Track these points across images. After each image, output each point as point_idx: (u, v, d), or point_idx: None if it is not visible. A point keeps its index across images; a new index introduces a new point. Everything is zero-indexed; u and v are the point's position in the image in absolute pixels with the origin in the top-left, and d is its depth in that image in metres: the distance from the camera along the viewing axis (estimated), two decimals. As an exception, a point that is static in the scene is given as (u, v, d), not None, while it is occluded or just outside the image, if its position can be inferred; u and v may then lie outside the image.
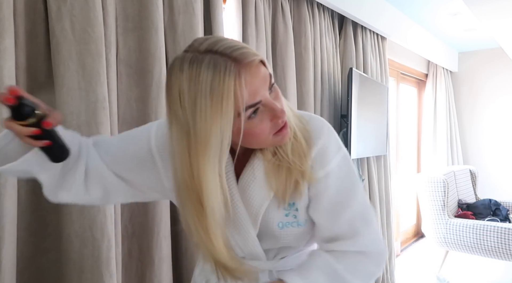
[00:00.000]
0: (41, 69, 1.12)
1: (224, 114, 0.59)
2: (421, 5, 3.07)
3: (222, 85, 0.58)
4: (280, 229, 0.75)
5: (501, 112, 4.37)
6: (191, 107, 0.59)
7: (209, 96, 0.58)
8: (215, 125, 0.59)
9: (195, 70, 0.59)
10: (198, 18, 1.46)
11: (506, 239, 2.79)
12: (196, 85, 0.59)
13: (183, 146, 0.62)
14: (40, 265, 1.15)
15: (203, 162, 0.62)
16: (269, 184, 0.72)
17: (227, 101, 0.58)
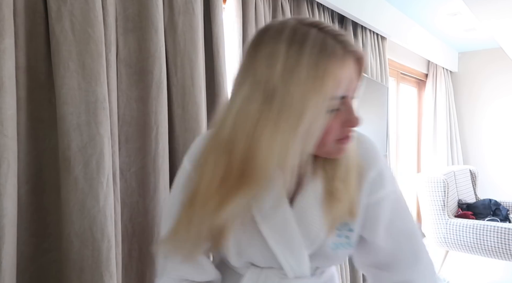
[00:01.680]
0: (41, 69, 1.12)
1: (323, 93, 0.56)
2: (421, 5, 3.07)
3: (328, 62, 0.55)
4: (333, 250, 0.73)
5: (501, 112, 4.37)
6: (286, 74, 0.55)
7: (313, 69, 0.55)
8: (313, 102, 0.55)
9: (300, 38, 0.56)
10: (198, 18, 1.46)
11: (506, 239, 2.79)
12: (298, 54, 0.55)
13: (254, 109, 0.57)
14: (40, 265, 1.15)
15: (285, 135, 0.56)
16: (325, 211, 0.70)
17: (328, 80, 0.55)
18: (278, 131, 0.56)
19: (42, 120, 1.13)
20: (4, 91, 0.97)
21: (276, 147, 0.56)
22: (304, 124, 0.56)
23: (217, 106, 1.57)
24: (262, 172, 0.58)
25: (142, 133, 1.32)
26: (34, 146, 1.12)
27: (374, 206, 0.73)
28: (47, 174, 1.14)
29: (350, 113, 0.62)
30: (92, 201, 1.13)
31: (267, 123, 0.56)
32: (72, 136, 1.10)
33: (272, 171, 0.58)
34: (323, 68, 0.55)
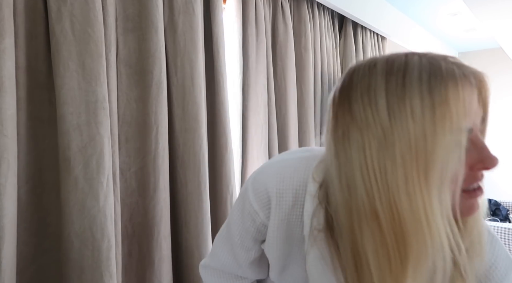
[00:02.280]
0: (41, 69, 1.12)
1: (447, 124, 0.44)
2: (421, 5, 3.07)
3: (444, 84, 0.44)
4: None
5: (502, 112, 4.37)
6: (396, 107, 0.45)
7: (428, 93, 0.44)
8: (439, 138, 0.44)
9: (402, 63, 0.47)
10: (198, 18, 1.46)
11: (506, 239, 2.79)
12: (403, 80, 0.45)
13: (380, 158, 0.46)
14: (40, 265, 1.15)
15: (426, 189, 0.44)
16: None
17: (451, 106, 0.44)
18: (410, 183, 0.44)
19: (42, 120, 1.13)
20: (4, 91, 0.97)
21: (419, 205, 0.44)
22: (437, 169, 0.44)
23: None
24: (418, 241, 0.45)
25: (142, 133, 1.32)
26: (34, 146, 1.12)
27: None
28: (47, 174, 1.14)
29: (481, 151, 0.48)
30: (92, 201, 1.13)
31: (397, 175, 0.45)
32: (72, 136, 1.10)
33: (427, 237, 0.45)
34: (440, 92, 0.44)
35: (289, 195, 0.61)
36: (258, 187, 0.64)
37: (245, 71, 1.75)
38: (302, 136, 2.11)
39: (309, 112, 2.11)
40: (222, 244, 0.78)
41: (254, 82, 1.77)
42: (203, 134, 1.45)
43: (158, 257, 1.33)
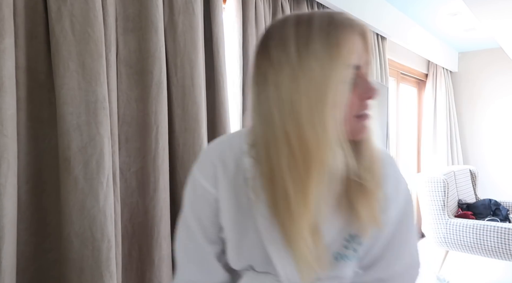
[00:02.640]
0: (41, 69, 1.12)
1: (340, 61, 0.57)
2: (421, 5, 3.07)
3: (337, 31, 0.57)
4: (336, 260, 0.68)
5: (501, 112, 4.37)
6: (302, 51, 0.57)
7: (325, 39, 0.57)
8: (333, 71, 0.57)
9: (305, 18, 0.59)
10: (198, 18, 1.46)
11: (506, 239, 2.79)
12: (308, 30, 0.58)
13: (286, 93, 0.58)
14: (40, 265, 1.15)
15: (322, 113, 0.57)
16: (346, 210, 0.66)
17: (342, 47, 0.57)
18: (312, 108, 0.57)
19: (42, 120, 1.13)
20: (4, 91, 0.97)
21: (318, 124, 0.57)
22: (331, 96, 0.57)
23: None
24: (319, 153, 0.58)
25: (142, 133, 1.32)
26: (34, 145, 1.12)
27: (386, 220, 0.69)
28: (47, 174, 1.14)
29: (366, 84, 0.61)
30: (92, 201, 1.13)
31: (301, 104, 0.57)
32: (72, 136, 1.10)
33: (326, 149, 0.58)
34: (335, 36, 0.57)
35: (231, 163, 0.69)
36: (202, 164, 0.72)
37: (245, 71, 1.75)
38: (302, 136, 2.10)
39: (309, 112, 2.11)
40: (184, 253, 0.77)
41: (254, 82, 1.77)
42: (203, 134, 1.45)
43: (158, 257, 1.33)
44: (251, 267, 0.73)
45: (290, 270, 0.67)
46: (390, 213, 0.69)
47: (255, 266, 0.72)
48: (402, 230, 0.72)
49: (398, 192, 0.71)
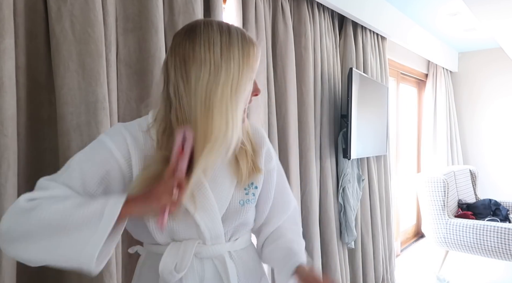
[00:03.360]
0: (41, 69, 1.12)
1: (252, 67, 0.79)
2: (421, 5, 3.07)
3: (249, 45, 0.79)
4: (241, 206, 0.87)
5: (501, 112, 4.38)
6: (225, 54, 0.76)
7: (243, 50, 0.77)
8: (248, 74, 0.78)
9: (226, 28, 0.78)
10: (198, 18, 1.46)
11: (506, 239, 2.80)
12: (229, 39, 0.77)
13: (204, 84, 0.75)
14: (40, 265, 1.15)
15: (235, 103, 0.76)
16: (233, 171, 0.86)
17: (253, 57, 0.79)
18: (225, 99, 0.75)
19: (42, 120, 1.13)
20: (4, 91, 0.97)
21: (228, 113, 0.75)
22: (242, 91, 0.77)
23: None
24: (224, 136, 0.75)
25: (142, 133, 1.31)
26: (34, 145, 1.12)
27: (269, 173, 0.94)
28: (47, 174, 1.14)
29: (255, 85, 0.84)
30: (92, 201, 1.13)
31: (216, 95, 0.75)
32: (72, 136, 1.10)
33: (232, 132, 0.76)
34: (247, 48, 0.78)
35: (140, 137, 0.82)
36: (115, 137, 0.81)
37: (245, 71, 1.75)
38: (302, 136, 2.11)
39: (309, 112, 2.11)
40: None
41: (254, 82, 1.77)
42: (203, 134, 1.45)
43: (158, 257, 1.33)
44: (173, 239, 0.84)
45: (210, 223, 0.83)
46: (273, 163, 0.96)
47: (178, 234, 0.83)
48: (283, 178, 1.01)
49: (272, 150, 0.98)
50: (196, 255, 0.85)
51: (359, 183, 2.58)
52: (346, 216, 2.39)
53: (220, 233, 0.85)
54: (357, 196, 2.53)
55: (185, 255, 0.83)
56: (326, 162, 2.29)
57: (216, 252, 0.86)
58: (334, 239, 2.26)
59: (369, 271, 2.65)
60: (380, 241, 2.78)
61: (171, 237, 0.85)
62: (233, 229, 0.89)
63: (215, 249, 0.86)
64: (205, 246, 0.85)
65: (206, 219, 0.83)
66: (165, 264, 0.83)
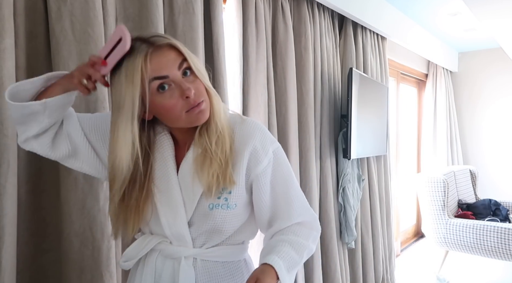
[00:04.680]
0: (41, 69, 1.12)
1: (134, 84, 0.74)
2: (421, 5, 3.07)
3: (133, 62, 0.75)
4: (210, 209, 0.84)
5: (501, 112, 4.37)
6: (116, 82, 0.77)
7: (124, 72, 0.75)
8: (128, 93, 0.75)
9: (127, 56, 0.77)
10: (198, 18, 1.46)
11: (506, 239, 2.80)
12: (124, 65, 0.76)
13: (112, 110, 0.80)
14: (40, 265, 1.15)
15: (118, 120, 0.77)
16: (200, 175, 0.82)
17: (136, 73, 0.74)
18: (117, 121, 0.78)
19: (42, 120, 1.13)
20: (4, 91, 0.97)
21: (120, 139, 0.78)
22: (126, 110, 0.76)
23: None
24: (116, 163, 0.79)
25: (142, 133, 1.31)
26: (34, 145, 1.12)
27: (257, 177, 0.86)
28: (47, 174, 1.14)
29: (179, 86, 0.77)
30: (92, 201, 1.13)
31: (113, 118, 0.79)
32: (72, 136, 1.10)
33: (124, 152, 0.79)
34: (131, 67, 0.75)
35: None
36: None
37: (245, 71, 1.75)
38: (302, 136, 2.11)
39: (309, 112, 2.11)
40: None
41: (254, 82, 1.77)
42: (203, 134, 1.44)
43: (158, 257, 1.33)
44: (150, 231, 0.90)
45: (172, 220, 0.84)
46: (261, 167, 0.85)
47: (151, 226, 0.88)
48: (285, 181, 0.89)
49: (265, 147, 0.86)
50: (161, 252, 0.88)
51: (359, 183, 2.58)
52: (346, 216, 2.39)
53: (184, 235, 0.85)
54: (357, 196, 2.53)
55: (145, 247, 0.88)
56: (326, 161, 2.29)
57: (179, 254, 0.86)
58: (334, 239, 2.26)
59: (369, 271, 2.65)
60: (380, 241, 2.78)
61: (150, 230, 0.90)
62: (204, 235, 0.86)
63: (179, 250, 0.86)
64: (170, 245, 0.87)
65: (169, 215, 0.85)
66: (128, 251, 0.91)
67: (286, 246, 0.84)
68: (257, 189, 0.87)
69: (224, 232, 0.87)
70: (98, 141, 0.90)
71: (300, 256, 0.86)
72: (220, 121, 0.83)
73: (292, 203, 0.90)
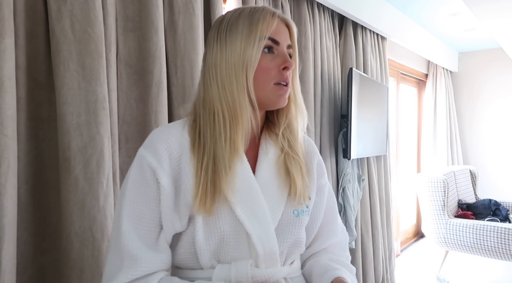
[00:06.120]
0: (41, 69, 1.12)
1: (255, 32, 0.72)
2: (421, 5, 3.07)
3: (259, 14, 0.74)
4: (296, 216, 0.77)
5: (501, 112, 4.37)
6: (229, 30, 0.74)
7: (248, 20, 0.74)
8: (249, 40, 0.72)
9: (244, 8, 0.77)
10: (198, 18, 1.46)
11: (506, 239, 2.80)
12: (237, 15, 0.76)
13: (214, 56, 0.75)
14: (40, 265, 1.15)
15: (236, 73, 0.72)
16: (283, 181, 0.77)
17: (259, 23, 0.73)
18: (230, 71, 0.73)
19: (42, 120, 1.13)
20: (4, 91, 0.97)
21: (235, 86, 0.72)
22: (245, 60, 0.72)
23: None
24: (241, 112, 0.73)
25: (142, 133, 1.31)
26: (34, 145, 1.12)
27: (320, 188, 0.86)
28: (47, 174, 1.14)
29: (284, 57, 0.75)
30: (92, 201, 1.13)
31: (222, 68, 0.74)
32: (72, 136, 1.10)
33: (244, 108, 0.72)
34: (256, 17, 0.74)
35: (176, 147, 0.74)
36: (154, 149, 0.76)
37: (245, 71, 1.75)
38: (302, 136, 2.10)
39: (309, 112, 2.11)
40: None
41: (254, 82, 1.77)
42: (203, 134, 1.44)
43: (158, 257, 1.33)
44: (218, 259, 0.72)
45: (264, 235, 0.71)
46: (325, 178, 0.88)
47: (226, 250, 0.72)
48: (333, 198, 0.92)
49: (323, 162, 0.90)
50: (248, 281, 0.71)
51: (359, 183, 2.58)
52: (346, 216, 2.39)
53: (275, 250, 0.72)
54: (357, 196, 2.53)
55: (239, 279, 0.70)
56: (326, 162, 2.29)
57: (273, 277, 0.72)
58: (334, 239, 2.26)
59: (369, 271, 2.65)
60: (380, 241, 2.78)
61: (217, 257, 0.72)
62: (287, 248, 0.77)
63: (270, 273, 0.71)
64: (258, 270, 0.71)
65: (258, 228, 0.71)
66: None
67: (341, 266, 0.83)
68: (318, 200, 0.85)
69: (303, 244, 0.81)
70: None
71: (354, 278, 0.84)
72: (300, 126, 0.83)
73: (337, 219, 0.91)
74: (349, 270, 0.84)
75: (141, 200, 0.72)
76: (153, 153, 0.73)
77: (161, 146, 0.73)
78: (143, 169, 0.73)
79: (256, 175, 0.76)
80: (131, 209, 0.71)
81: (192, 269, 0.74)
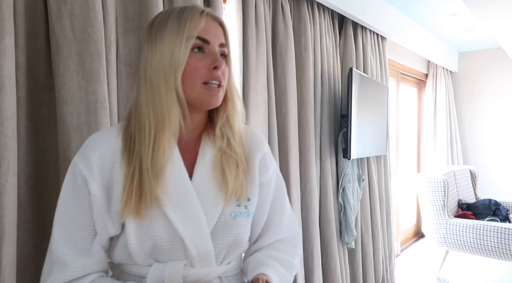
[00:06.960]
0: (41, 69, 1.12)
1: (181, 32, 0.72)
2: (421, 5, 3.07)
3: (187, 15, 0.73)
4: (233, 218, 0.77)
5: (501, 112, 4.37)
6: (159, 31, 0.74)
7: (176, 20, 0.73)
8: (175, 40, 0.72)
9: (174, 8, 0.77)
10: (198, 18, 1.45)
11: (506, 239, 2.80)
12: (168, 15, 0.75)
13: (145, 57, 0.75)
14: (40, 265, 1.14)
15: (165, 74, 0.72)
16: (223, 179, 0.76)
17: (186, 22, 0.72)
18: (159, 72, 0.73)
19: (42, 120, 1.13)
20: (4, 91, 0.97)
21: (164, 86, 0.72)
22: (173, 60, 0.71)
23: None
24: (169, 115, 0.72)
25: (142, 133, 1.31)
26: (34, 145, 1.12)
27: (262, 186, 0.84)
28: (47, 174, 1.14)
29: (214, 56, 0.75)
30: (92, 201, 1.12)
31: (152, 70, 0.74)
32: (72, 136, 1.10)
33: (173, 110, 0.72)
34: (184, 17, 0.73)
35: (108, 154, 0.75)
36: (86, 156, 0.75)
37: (245, 71, 1.75)
38: (302, 136, 2.11)
39: (309, 112, 2.11)
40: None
41: (254, 82, 1.77)
42: (203, 134, 1.44)
43: (158, 257, 1.33)
44: (156, 259, 0.75)
45: (197, 238, 0.73)
46: (268, 175, 0.85)
47: (160, 252, 0.74)
48: (281, 193, 0.90)
49: (270, 156, 0.87)
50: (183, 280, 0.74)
51: (359, 183, 2.58)
52: (346, 216, 2.39)
53: (209, 251, 0.75)
54: (357, 196, 2.53)
55: (172, 279, 0.73)
56: (326, 162, 2.29)
57: (205, 277, 0.75)
58: (334, 239, 2.26)
59: (369, 271, 2.65)
60: (380, 241, 2.78)
61: (154, 257, 0.75)
62: (226, 248, 0.78)
63: (204, 273, 0.75)
64: (192, 269, 0.74)
65: (192, 231, 0.73)
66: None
67: (275, 262, 0.82)
68: (261, 198, 0.83)
69: (244, 244, 0.81)
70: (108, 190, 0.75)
71: (290, 274, 0.84)
72: (239, 123, 0.81)
73: (285, 215, 0.89)
74: (286, 266, 0.84)
75: (74, 205, 0.74)
76: (85, 161, 0.74)
77: (94, 154, 0.74)
78: (75, 176, 0.74)
79: (193, 178, 0.76)
80: (64, 215, 0.75)
81: (130, 265, 0.78)
